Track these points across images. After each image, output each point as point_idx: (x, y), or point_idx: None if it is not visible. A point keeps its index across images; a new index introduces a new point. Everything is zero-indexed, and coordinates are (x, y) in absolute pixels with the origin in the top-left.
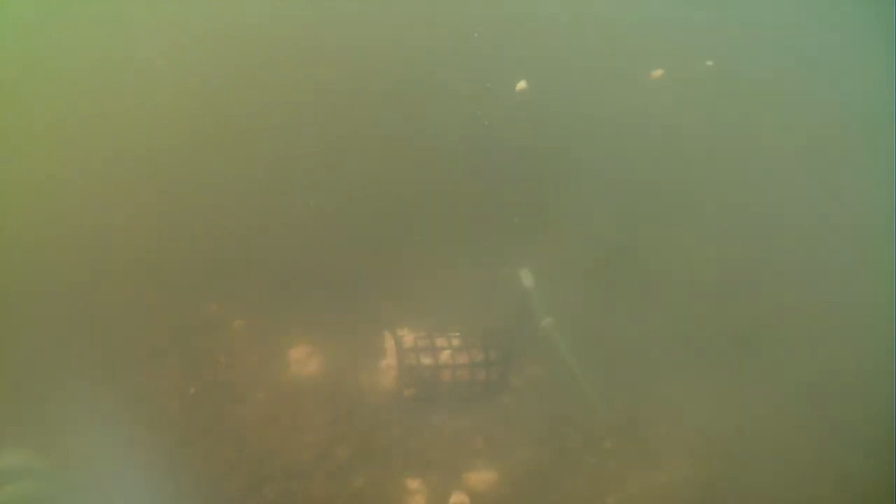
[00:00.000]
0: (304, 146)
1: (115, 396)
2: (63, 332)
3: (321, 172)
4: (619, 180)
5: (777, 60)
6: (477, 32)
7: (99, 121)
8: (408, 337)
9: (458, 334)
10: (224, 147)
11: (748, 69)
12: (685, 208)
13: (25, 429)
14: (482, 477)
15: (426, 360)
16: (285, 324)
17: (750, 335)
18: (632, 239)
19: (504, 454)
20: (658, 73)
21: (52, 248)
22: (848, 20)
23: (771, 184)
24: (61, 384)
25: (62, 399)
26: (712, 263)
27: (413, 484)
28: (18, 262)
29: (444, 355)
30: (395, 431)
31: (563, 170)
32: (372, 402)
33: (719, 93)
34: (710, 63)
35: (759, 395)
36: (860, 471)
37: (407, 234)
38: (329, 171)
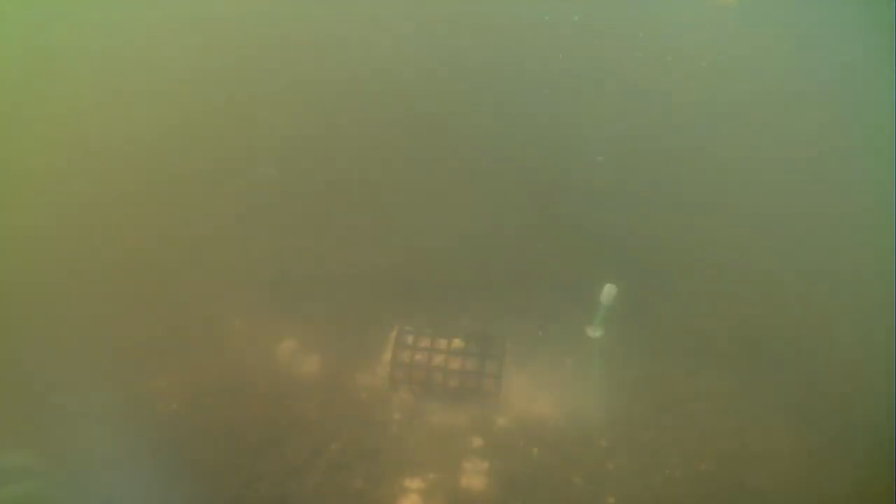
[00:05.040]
0: (307, 142)
1: (115, 396)
2: (63, 332)
3: (324, 165)
4: (618, 186)
5: (777, 61)
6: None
7: (98, 121)
8: (409, 335)
9: (460, 339)
10: (223, 145)
11: (748, 70)
12: (686, 210)
13: (25, 429)
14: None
15: (419, 358)
16: (285, 323)
17: (751, 337)
18: (635, 243)
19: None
20: None
21: (53, 248)
22: (848, 20)
23: (771, 184)
24: (61, 384)
25: (62, 399)
26: (715, 266)
27: (410, 482)
28: (18, 263)
29: (439, 357)
30: (392, 430)
31: (564, 178)
32: (368, 400)
33: (719, 94)
34: (703, 64)
35: (759, 395)
36: (860, 471)
37: (412, 236)
38: (335, 165)
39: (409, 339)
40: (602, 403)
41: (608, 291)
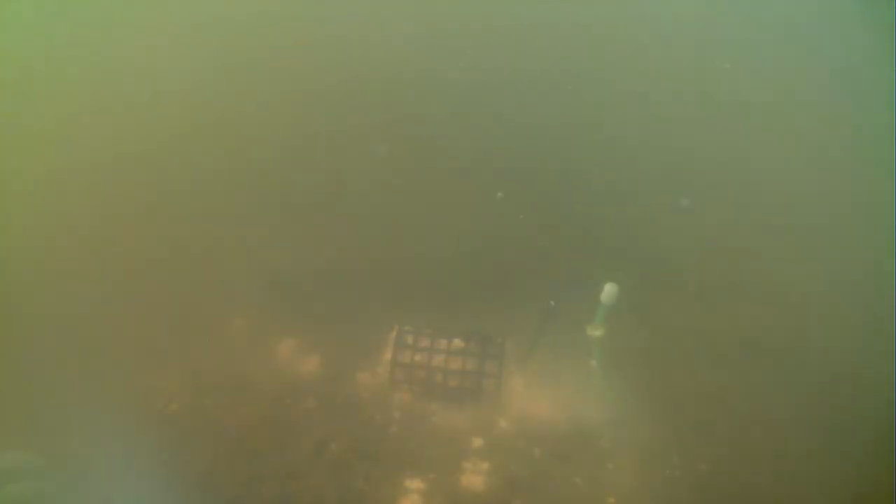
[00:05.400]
0: (305, 142)
1: (115, 396)
2: (63, 333)
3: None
4: (620, 186)
5: (777, 61)
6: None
7: (98, 122)
8: (409, 335)
9: (460, 339)
10: (223, 146)
11: (748, 71)
12: (684, 210)
13: (25, 429)
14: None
15: (419, 359)
16: (286, 322)
17: (750, 337)
18: (636, 244)
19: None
20: None
21: (53, 248)
22: (848, 20)
23: (771, 185)
24: (61, 384)
25: (62, 399)
26: (714, 266)
27: (410, 482)
28: (19, 263)
29: (439, 357)
30: (392, 430)
31: (565, 180)
32: (368, 400)
33: (718, 95)
34: (728, 66)
35: (759, 395)
36: (860, 471)
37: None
38: (331, 167)
39: (409, 339)
40: (602, 403)
41: (609, 290)
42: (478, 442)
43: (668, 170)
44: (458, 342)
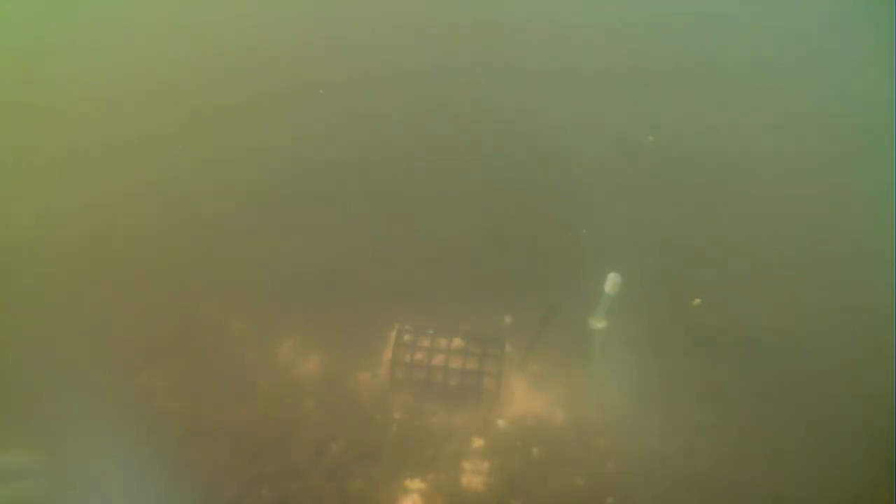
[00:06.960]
0: (307, 143)
1: (115, 396)
2: (64, 334)
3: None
4: (619, 182)
5: (778, 60)
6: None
7: (97, 120)
8: (409, 335)
9: (460, 338)
10: (222, 146)
11: (750, 69)
12: (685, 207)
13: (25, 429)
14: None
15: (420, 358)
16: (286, 323)
17: (752, 337)
18: (637, 243)
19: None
20: None
21: (53, 249)
22: (848, 20)
23: (771, 185)
24: (61, 384)
25: (62, 399)
26: (713, 263)
27: (410, 482)
28: (19, 264)
29: (439, 357)
30: (393, 430)
31: (568, 174)
32: (369, 400)
33: (719, 93)
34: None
35: (759, 395)
36: (859, 471)
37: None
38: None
39: (410, 339)
40: (602, 403)
41: (612, 280)
42: (478, 441)
43: (669, 169)
44: (458, 341)
